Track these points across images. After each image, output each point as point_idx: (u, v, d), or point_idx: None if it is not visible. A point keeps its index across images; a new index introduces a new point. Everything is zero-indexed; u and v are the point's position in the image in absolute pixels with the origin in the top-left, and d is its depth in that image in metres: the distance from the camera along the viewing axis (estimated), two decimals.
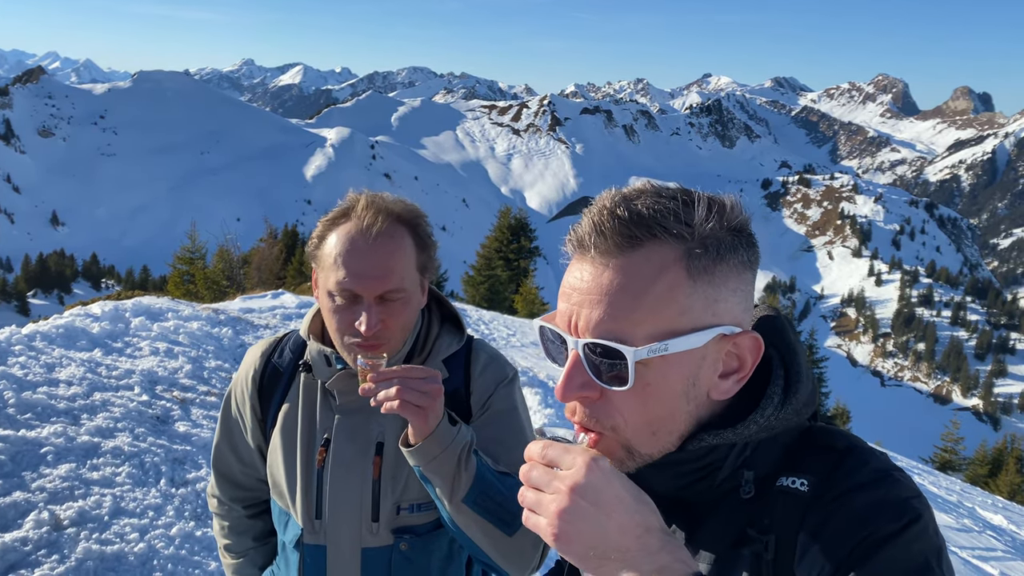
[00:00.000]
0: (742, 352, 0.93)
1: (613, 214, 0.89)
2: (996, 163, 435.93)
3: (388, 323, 1.55)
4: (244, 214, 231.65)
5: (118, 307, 7.41)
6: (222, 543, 1.99)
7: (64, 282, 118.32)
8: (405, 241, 1.57)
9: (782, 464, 0.94)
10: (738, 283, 0.93)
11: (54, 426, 4.49)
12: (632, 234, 0.88)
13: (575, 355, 0.91)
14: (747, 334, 0.93)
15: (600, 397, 0.92)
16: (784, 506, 0.89)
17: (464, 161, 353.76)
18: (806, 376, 0.98)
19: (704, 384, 0.93)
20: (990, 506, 10.83)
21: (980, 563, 7.00)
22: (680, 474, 0.95)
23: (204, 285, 20.26)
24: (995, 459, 23.65)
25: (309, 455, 1.69)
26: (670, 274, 0.88)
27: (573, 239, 0.93)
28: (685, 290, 0.88)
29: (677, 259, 0.88)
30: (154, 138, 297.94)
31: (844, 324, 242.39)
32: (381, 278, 1.52)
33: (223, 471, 1.92)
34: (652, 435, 0.93)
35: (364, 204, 1.57)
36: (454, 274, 37.47)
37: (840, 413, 28.12)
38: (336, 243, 1.54)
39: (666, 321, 0.88)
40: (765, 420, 0.93)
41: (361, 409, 1.66)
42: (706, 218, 0.90)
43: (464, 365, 1.73)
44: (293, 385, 1.75)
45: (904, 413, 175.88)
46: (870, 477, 0.88)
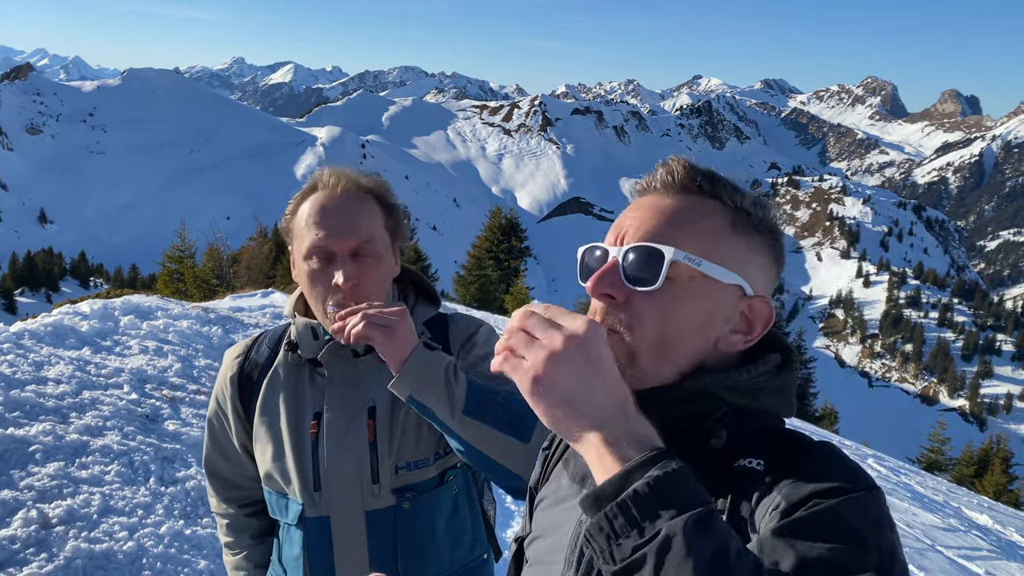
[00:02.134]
0: (754, 316, 1.01)
1: (686, 164, 1.03)
2: (983, 166, 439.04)
3: (363, 281, 1.59)
4: (234, 213, 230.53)
5: (107, 305, 7.38)
6: (223, 540, 2.03)
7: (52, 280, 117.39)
8: (371, 203, 1.65)
9: (746, 444, 0.97)
10: (765, 263, 1.04)
11: (42, 424, 4.47)
12: (698, 181, 1.02)
13: (612, 260, 1.00)
14: (763, 300, 1.01)
15: (625, 300, 0.99)
16: (739, 483, 0.92)
17: (455, 161, 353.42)
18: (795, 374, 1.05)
19: (715, 329, 1.00)
20: (976, 506, 10.91)
21: (966, 562, 7.05)
22: (662, 418, 0.94)
23: (194, 284, 20.20)
24: (981, 459, 23.80)
25: (299, 431, 1.71)
26: (715, 218, 1.00)
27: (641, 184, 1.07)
28: (727, 236, 1.00)
29: (726, 213, 1.01)
30: (143, 136, 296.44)
31: (832, 325, 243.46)
32: (352, 232, 1.57)
33: (214, 472, 1.94)
34: (658, 353, 0.98)
35: (329, 173, 1.66)
36: (445, 274, 37.46)
37: (828, 413, 28.25)
38: (307, 210, 1.61)
39: (705, 249, 0.98)
40: (756, 376, 0.99)
41: (351, 378, 1.70)
42: (758, 203, 1.04)
43: (443, 330, 1.79)
44: (273, 373, 1.78)
45: (891, 414, 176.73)
46: (824, 454, 0.92)
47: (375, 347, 1.52)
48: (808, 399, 29.00)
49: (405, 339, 1.51)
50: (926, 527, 8.02)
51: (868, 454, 12.96)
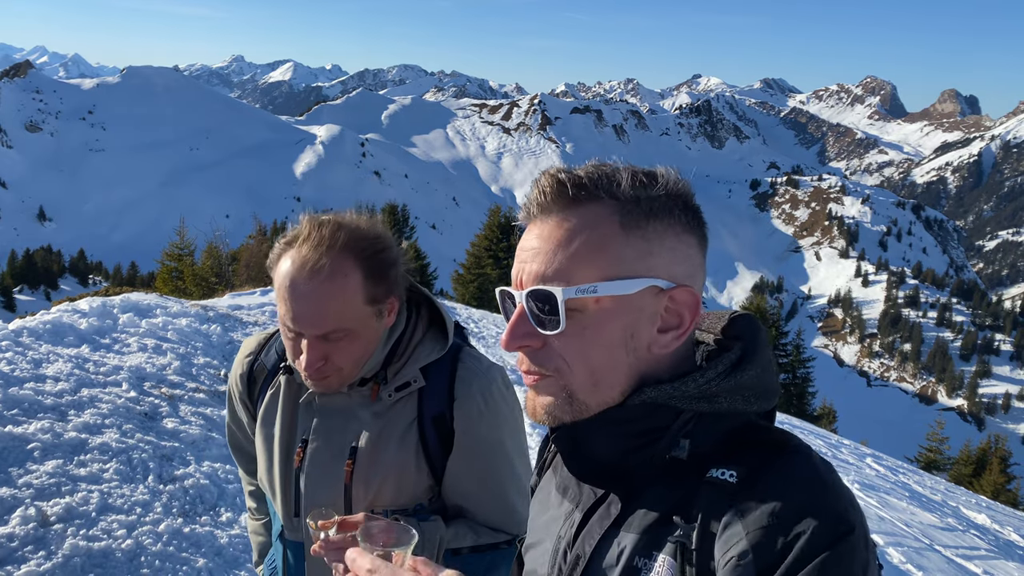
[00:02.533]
0: (680, 308, 0.96)
1: (555, 178, 0.96)
2: (982, 165, 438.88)
3: (333, 358, 1.54)
4: (233, 211, 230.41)
5: (106, 303, 7.38)
6: (247, 504, 2.07)
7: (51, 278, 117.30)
8: (349, 278, 1.51)
9: (719, 450, 0.94)
10: (676, 243, 0.96)
11: (41, 422, 4.47)
12: (571, 193, 0.95)
13: (520, 308, 0.96)
14: (684, 288, 0.95)
15: (543, 346, 0.96)
16: (710, 497, 0.89)
17: (454, 160, 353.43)
18: (763, 365, 0.99)
19: (643, 337, 0.96)
20: (974, 505, 10.92)
21: (964, 562, 7.06)
22: (620, 435, 0.96)
23: (193, 282, 20.21)
24: (979, 459, 23.85)
25: (288, 454, 1.71)
26: (603, 226, 0.94)
27: (522, 212, 1.01)
28: (618, 240, 0.93)
29: (611, 214, 0.94)
30: (143, 134, 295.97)
31: (831, 324, 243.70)
32: (318, 323, 1.50)
33: (235, 445, 1.98)
34: (594, 385, 0.96)
35: (308, 236, 1.52)
36: (443, 273, 37.45)
37: (826, 413, 28.28)
38: (282, 275, 1.52)
39: (599, 269, 0.93)
40: (705, 383, 0.94)
41: (341, 411, 1.67)
42: (637, 182, 0.95)
43: (448, 383, 1.66)
44: (275, 384, 1.76)
45: (890, 413, 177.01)
46: (802, 476, 0.88)
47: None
48: (807, 398, 29.02)
49: (386, 570, 1.36)
50: (924, 526, 8.03)
51: (866, 453, 12.97)
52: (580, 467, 1.03)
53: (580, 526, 1.02)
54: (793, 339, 30.56)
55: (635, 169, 0.97)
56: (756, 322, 1.05)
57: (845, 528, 0.82)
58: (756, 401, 0.97)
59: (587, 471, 1.03)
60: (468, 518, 1.68)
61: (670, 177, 0.98)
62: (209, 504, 4.46)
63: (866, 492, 8.77)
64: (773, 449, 0.92)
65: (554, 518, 1.09)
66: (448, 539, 1.58)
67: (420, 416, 1.64)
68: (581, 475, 1.03)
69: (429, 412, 1.64)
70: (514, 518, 1.69)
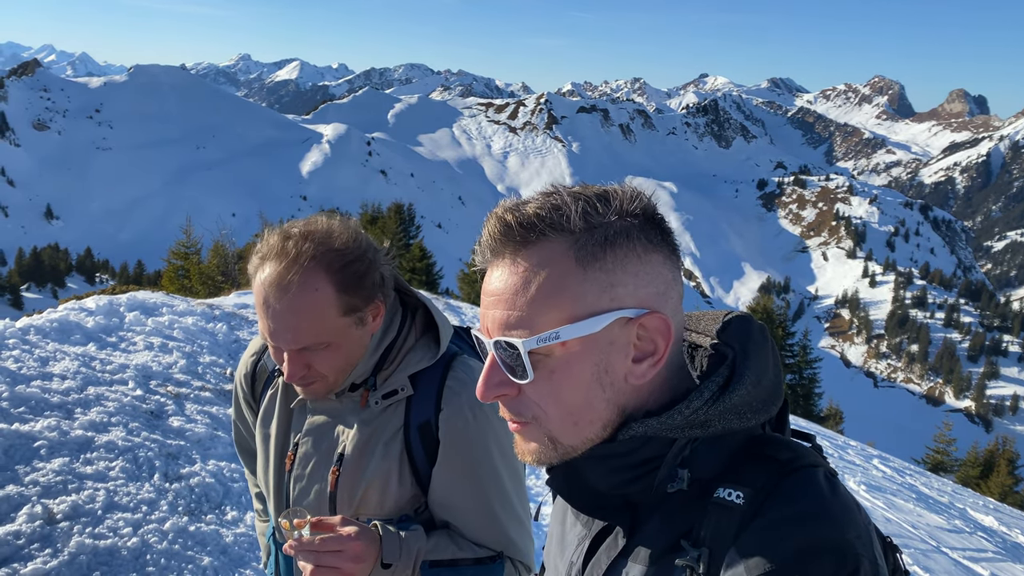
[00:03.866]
0: (652, 335, 0.92)
1: (503, 220, 0.92)
2: (991, 166, 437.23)
3: (315, 367, 1.54)
4: (239, 209, 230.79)
5: (112, 301, 7.39)
6: (255, 505, 2.09)
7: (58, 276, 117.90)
8: (320, 292, 1.49)
9: (725, 471, 0.92)
10: (639, 266, 0.91)
11: (47, 420, 4.47)
12: (522, 235, 0.91)
13: (491, 357, 0.95)
14: (653, 315, 0.91)
15: (518, 393, 0.95)
16: (719, 520, 0.87)
17: (460, 158, 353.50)
18: (754, 380, 0.94)
19: (618, 370, 0.93)
20: (981, 507, 10.88)
21: (971, 564, 7.04)
22: (616, 469, 0.94)
23: (199, 280, 20.23)
24: (987, 461, 23.77)
25: (282, 456, 1.72)
26: (559, 266, 0.89)
27: (477, 249, 0.97)
28: (575, 278, 0.89)
29: (565, 251, 0.90)
30: (149, 132, 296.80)
31: (838, 325, 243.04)
32: (293, 339, 1.49)
33: (241, 445, 1.99)
34: (574, 425, 0.94)
35: (279, 251, 1.50)
36: (449, 272, 37.45)
37: (833, 414, 28.23)
38: (256, 289, 1.52)
39: (561, 311, 0.89)
40: (692, 413, 0.91)
41: (332, 415, 1.68)
42: (590, 210, 0.91)
43: (437, 392, 1.64)
44: (275, 385, 1.77)
45: (897, 414, 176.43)
46: (811, 508, 0.85)
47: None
48: (813, 399, 28.97)
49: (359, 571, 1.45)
50: (931, 528, 7.99)
51: (873, 454, 12.92)
52: (581, 502, 1.01)
53: (589, 554, 1.02)
54: (800, 340, 30.46)
55: (585, 195, 0.92)
56: (750, 325, 1.01)
57: (851, 566, 0.81)
58: (753, 416, 0.94)
59: (589, 504, 1.00)
60: (454, 532, 1.65)
61: (624, 196, 0.93)
62: (215, 503, 4.47)
63: (873, 494, 8.74)
64: (780, 468, 0.90)
65: (569, 542, 1.09)
66: (427, 550, 1.56)
67: (407, 424, 1.62)
68: (584, 509, 1.01)
69: (415, 421, 1.62)
70: (500, 534, 1.66)
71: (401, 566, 1.51)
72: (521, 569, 1.70)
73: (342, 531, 1.45)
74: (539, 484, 6.39)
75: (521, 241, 0.91)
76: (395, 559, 1.50)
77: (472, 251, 0.86)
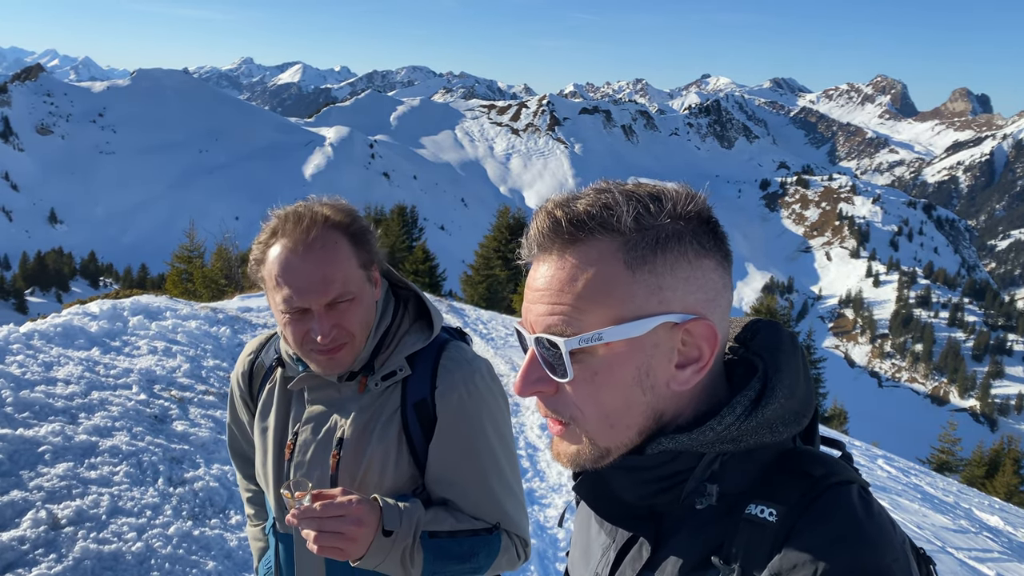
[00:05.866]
0: (697, 341, 0.90)
1: (552, 215, 0.91)
2: (994, 165, 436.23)
3: (343, 325, 1.58)
4: (243, 213, 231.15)
5: (116, 306, 7.41)
6: (247, 512, 2.10)
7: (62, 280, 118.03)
8: (340, 245, 1.58)
9: (756, 486, 0.90)
10: (690, 271, 0.89)
11: (52, 425, 4.48)
12: (571, 232, 0.89)
13: (531, 352, 0.94)
14: (701, 321, 0.89)
15: (556, 391, 0.93)
16: (750, 537, 0.86)
17: (463, 160, 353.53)
18: (786, 393, 0.92)
19: (660, 374, 0.91)
20: (987, 507, 10.84)
21: (977, 564, 7.01)
22: (643, 481, 0.93)
23: (202, 284, 20.24)
24: (992, 460, 23.66)
25: (281, 446, 1.75)
26: (608, 266, 0.88)
27: (524, 243, 0.96)
28: (623, 280, 0.88)
29: (615, 251, 0.88)
30: (153, 136, 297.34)
31: (842, 325, 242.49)
32: (323, 290, 1.54)
33: (235, 450, 2.03)
34: (610, 427, 0.92)
35: (292, 219, 1.58)
36: (452, 274, 37.48)
37: (838, 414, 28.15)
38: (273, 264, 1.56)
39: (606, 311, 0.88)
40: (724, 429, 0.90)
41: (330, 403, 1.71)
42: (642, 211, 0.89)
43: (432, 371, 1.70)
44: (272, 379, 1.81)
45: (901, 414, 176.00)
46: (847, 530, 0.82)
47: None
48: (817, 399, 28.89)
49: (360, 539, 1.49)
50: (936, 529, 7.97)
51: (878, 455, 12.89)
52: (607, 511, 0.99)
53: (614, 566, 1.01)
54: (804, 340, 30.48)
55: (638, 195, 0.90)
56: (779, 334, 0.99)
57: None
58: (785, 430, 0.92)
59: (615, 514, 0.99)
60: (452, 506, 1.70)
61: (679, 198, 0.91)
62: (219, 507, 4.47)
63: (878, 494, 8.71)
64: (813, 484, 0.87)
65: (593, 552, 1.08)
66: (426, 521, 1.60)
67: (403, 404, 1.67)
68: (609, 518, 1.00)
69: (411, 399, 1.67)
70: (496, 507, 1.70)
71: (401, 534, 1.53)
72: (516, 541, 1.73)
73: (342, 499, 1.48)
74: (543, 487, 6.38)
75: (570, 239, 0.90)
76: (396, 526, 1.53)
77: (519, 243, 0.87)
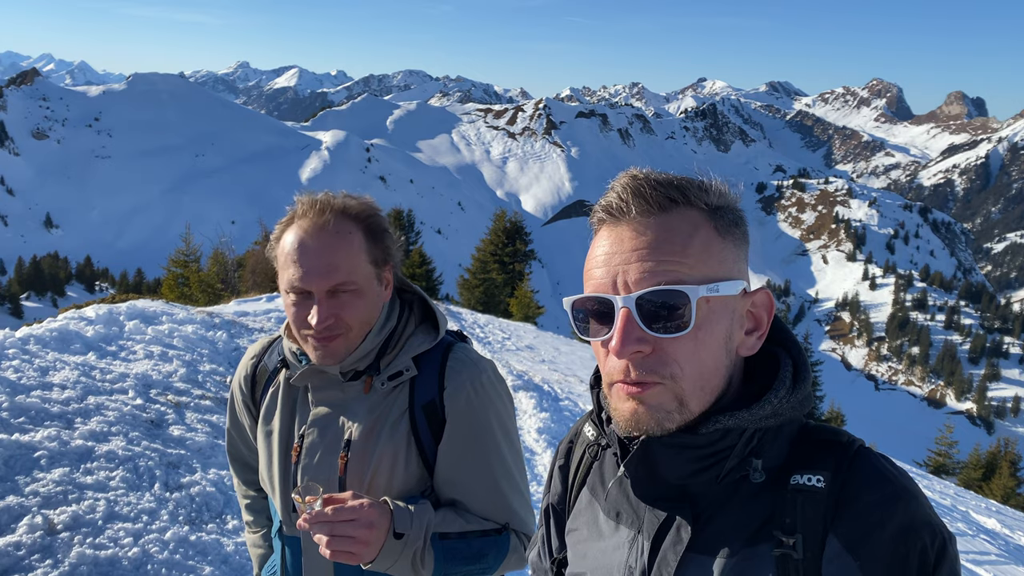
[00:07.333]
0: (758, 310, 1.01)
1: (649, 180, 0.98)
2: (990, 167, 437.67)
3: (341, 316, 1.59)
4: (239, 217, 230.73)
5: (112, 310, 7.39)
6: (244, 519, 2.09)
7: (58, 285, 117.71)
8: (352, 236, 1.60)
9: (790, 459, 0.97)
10: (745, 250, 1.02)
11: (48, 430, 4.46)
12: (669, 195, 0.97)
13: (625, 312, 0.94)
14: (763, 291, 1.01)
15: (653, 351, 0.95)
16: (804, 505, 0.91)
17: (459, 164, 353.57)
18: (810, 372, 1.03)
19: (736, 339, 0.99)
20: (983, 510, 10.85)
21: (974, 567, 7.01)
22: (694, 459, 0.96)
23: (199, 288, 20.19)
24: (988, 463, 23.70)
25: (287, 449, 1.74)
26: (704, 230, 0.97)
27: (606, 209, 1.00)
28: (718, 244, 0.97)
29: (706, 219, 0.98)
30: (148, 140, 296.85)
31: (838, 328, 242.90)
32: (327, 274, 1.56)
33: (234, 456, 2.02)
34: (701, 389, 0.96)
35: (311, 204, 1.61)
36: (449, 277, 37.43)
37: (834, 417, 28.16)
38: (285, 243, 1.60)
39: (710, 268, 0.96)
40: (778, 402, 0.97)
41: (337, 404, 1.71)
42: (723, 190, 1.01)
43: (439, 372, 1.71)
44: (276, 383, 1.80)
45: (898, 417, 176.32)
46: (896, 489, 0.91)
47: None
48: (814, 402, 28.92)
49: (372, 543, 1.49)
50: None
51: None
52: (648, 490, 1.02)
53: (652, 553, 1.01)
54: (801, 343, 30.44)
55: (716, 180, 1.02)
56: (780, 320, 1.08)
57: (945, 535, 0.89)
58: (808, 405, 1.02)
59: (655, 494, 1.02)
60: (460, 508, 1.70)
61: (736, 196, 1.04)
62: (215, 512, 4.45)
63: None
64: (844, 450, 0.96)
65: (614, 547, 1.07)
66: (436, 522, 1.60)
67: (411, 405, 1.67)
68: (648, 498, 1.02)
69: (420, 400, 1.67)
70: (504, 507, 1.71)
71: (412, 536, 1.54)
72: (525, 541, 1.73)
73: (353, 503, 1.49)
74: (540, 491, 6.37)
75: (669, 201, 0.97)
76: (407, 528, 1.54)
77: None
